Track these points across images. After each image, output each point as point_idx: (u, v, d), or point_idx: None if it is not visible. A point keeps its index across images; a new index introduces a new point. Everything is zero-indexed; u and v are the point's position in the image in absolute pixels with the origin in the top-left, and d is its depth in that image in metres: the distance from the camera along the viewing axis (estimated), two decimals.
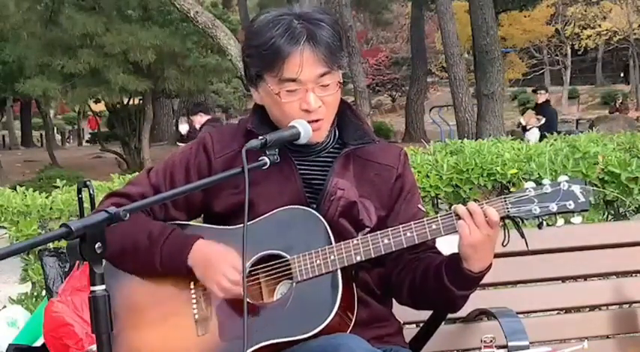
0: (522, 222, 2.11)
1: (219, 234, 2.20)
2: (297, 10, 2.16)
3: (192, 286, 2.18)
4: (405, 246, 2.10)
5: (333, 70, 2.13)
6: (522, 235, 2.12)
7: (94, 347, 1.72)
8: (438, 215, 2.11)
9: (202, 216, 2.33)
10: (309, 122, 2.13)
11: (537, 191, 2.06)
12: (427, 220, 2.09)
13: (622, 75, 45.55)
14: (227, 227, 2.20)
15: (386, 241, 2.09)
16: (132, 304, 2.19)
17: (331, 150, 2.25)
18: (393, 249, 2.10)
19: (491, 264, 2.14)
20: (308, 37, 2.09)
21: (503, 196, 2.09)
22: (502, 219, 2.08)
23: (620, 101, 31.05)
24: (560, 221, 2.07)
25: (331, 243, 2.10)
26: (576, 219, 2.07)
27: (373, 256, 2.10)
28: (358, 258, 2.09)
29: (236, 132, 2.27)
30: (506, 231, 2.10)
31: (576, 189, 2.07)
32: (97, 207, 2.31)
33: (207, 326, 2.15)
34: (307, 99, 2.12)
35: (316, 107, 2.13)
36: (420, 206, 2.30)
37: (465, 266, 2.10)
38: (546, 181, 2.08)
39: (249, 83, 2.23)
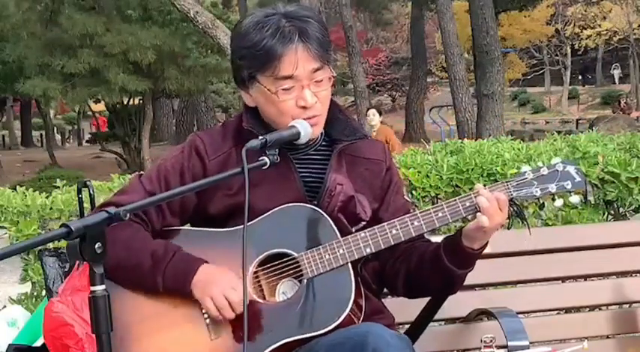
0: (523, 207, 2.20)
1: (217, 237, 2.20)
2: (281, 9, 2.18)
3: None
4: (413, 234, 2.14)
5: (325, 64, 2.16)
6: (524, 219, 2.20)
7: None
8: (443, 202, 2.16)
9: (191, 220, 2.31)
10: (306, 118, 2.14)
11: (536, 174, 2.17)
12: (433, 208, 2.14)
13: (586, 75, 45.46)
14: (225, 229, 2.19)
15: (394, 232, 2.13)
16: (142, 313, 2.17)
17: (319, 147, 2.27)
18: (402, 239, 2.14)
19: (487, 242, 2.18)
20: (300, 35, 2.12)
21: (504, 181, 2.18)
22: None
23: (624, 101, 31.02)
24: (559, 201, 2.16)
25: (336, 237, 2.12)
26: (574, 198, 2.17)
27: (383, 247, 2.13)
28: (368, 250, 2.12)
29: (225, 134, 2.27)
30: (510, 214, 2.17)
31: (571, 169, 2.17)
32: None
33: (220, 329, 2.13)
34: (303, 96, 2.14)
35: (312, 103, 2.15)
36: (405, 197, 2.36)
37: (467, 244, 2.15)
38: (541, 165, 2.18)
39: (240, 85, 2.24)
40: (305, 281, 2.11)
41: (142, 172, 2.34)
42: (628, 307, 3.01)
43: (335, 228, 2.13)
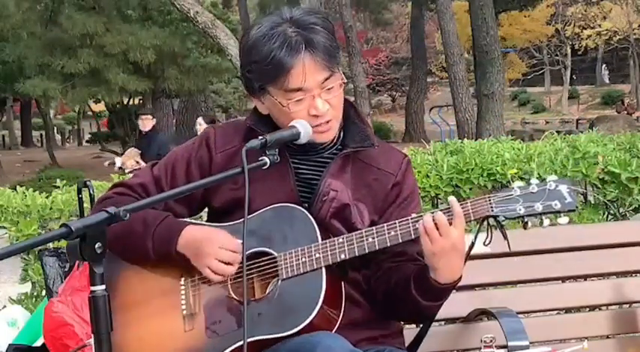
0: (503, 222, 2.06)
1: None
2: (287, 16, 2.15)
3: (182, 281, 2.20)
4: (388, 244, 2.08)
5: (334, 72, 2.14)
6: (505, 236, 2.09)
7: (92, 340, 1.72)
8: (423, 214, 2.08)
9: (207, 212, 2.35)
10: (319, 125, 2.14)
11: (523, 191, 2.03)
12: (412, 219, 2.08)
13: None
14: (220, 224, 2.21)
15: (370, 239, 2.09)
16: (121, 300, 2.20)
17: (334, 151, 2.25)
18: (377, 248, 2.09)
19: (460, 278, 2.10)
20: (306, 45, 2.09)
21: (487, 195, 2.06)
22: (486, 218, 2.05)
23: (627, 101, 31.03)
24: (546, 221, 2.03)
25: (317, 240, 2.10)
26: (563, 220, 2.02)
27: (357, 254, 2.09)
28: (342, 256, 2.09)
29: (239, 129, 2.28)
30: (489, 230, 2.07)
31: (563, 188, 2.02)
32: (102, 195, 2.35)
33: (195, 321, 2.16)
34: (315, 105, 2.12)
35: (324, 111, 2.13)
36: (414, 215, 2.24)
37: (432, 275, 2.08)
38: (534, 181, 2.04)
39: (252, 94, 2.23)
40: (279, 282, 2.11)
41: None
42: (628, 307, 3.01)
43: (317, 232, 2.11)
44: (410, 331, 2.50)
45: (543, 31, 36.59)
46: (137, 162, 10.83)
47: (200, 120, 10.72)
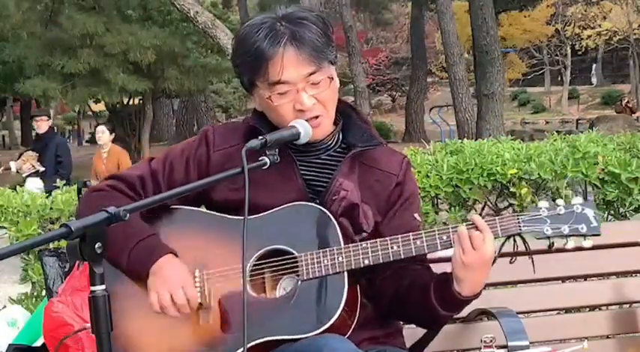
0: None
1: (222, 222, 2.19)
2: (280, 12, 2.15)
3: (196, 274, 2.17)
4: (414, 254, 2.10)
5: (320, 67, 2.12)
6: (529, 254, 2.15)
7: (87, 325, 1.72)
8: (450, 226, 2.11)
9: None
10: (307, 120, 2.13)
11: (551, 212, 2.09)
12: (438, 231, 2.09)
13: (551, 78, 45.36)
14: (231, 217, 2.18)
15: (395, 248, 2.09)
16: (131, 294, 2.18)
17: (333, 153, 2.24)
18: (402, 257, 2.09)
19: (481, 292, 2.13)
20: (290, 38, 2.09)
21: (516, 214, 2.11)
22: (513, 236, 2.10)
23: (627, 101, 31.02)
24: (571, 243, 2.10)
25: (339, 243, 2.10)
26: (587, 243, 2.09)
27: (382, 261, 2.09)
28: (366, 262, 2.09)
29: (239, 129, 2.27)
30: (515, 248, 2.12)
31: (589, 213, 2.09)
32: (94, 185, 2.32)
33: (208, 316, 2.15)
34: (300, 100, 2.12)
35: (310, 105, 2.12)
36: (416, 215, 2.27)
37: (456, 287, 2.09)
38: (560, 202, 2.10)
39: (247, 91, 2.25)
40: (299, 282, 2.10)
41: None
42: (628, 307, 3.01)
43: (340, 235, 2.10)
44: (410, 331, 2.50)
45: (543, 31, 36.59)
46: (33, 166, 10.63)
47: (102, 128, 10.72)
